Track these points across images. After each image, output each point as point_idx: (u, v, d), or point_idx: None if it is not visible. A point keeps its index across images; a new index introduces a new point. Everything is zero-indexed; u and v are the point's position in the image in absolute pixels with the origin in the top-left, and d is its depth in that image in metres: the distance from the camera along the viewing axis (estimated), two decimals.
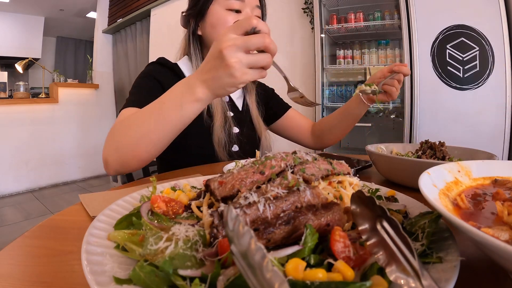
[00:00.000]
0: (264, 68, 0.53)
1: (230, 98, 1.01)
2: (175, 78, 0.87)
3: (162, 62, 0.94)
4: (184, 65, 0.95)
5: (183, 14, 0.96)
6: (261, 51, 0.52)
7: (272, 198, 0.29)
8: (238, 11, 0.87)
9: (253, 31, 0.50)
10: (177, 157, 0.89)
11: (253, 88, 1.06)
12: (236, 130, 0.96)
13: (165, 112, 0.57)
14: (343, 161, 0.41)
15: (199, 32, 0.93)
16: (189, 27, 0.94)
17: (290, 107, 1.17)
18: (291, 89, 0.63)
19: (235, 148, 0.94)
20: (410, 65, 1.95)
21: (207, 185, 0.34)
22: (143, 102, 0.66)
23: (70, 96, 4.00)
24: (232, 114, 0.96)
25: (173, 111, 0.57)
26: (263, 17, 0.97)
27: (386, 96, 0.86)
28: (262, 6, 0.95)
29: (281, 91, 1.22)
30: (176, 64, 0.95)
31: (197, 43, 0.94)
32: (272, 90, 1.19)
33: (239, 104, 1.03)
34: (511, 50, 1.77)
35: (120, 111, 0.75)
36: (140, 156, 0.62)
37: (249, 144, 0.98)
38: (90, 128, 4.18)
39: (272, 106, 1.13)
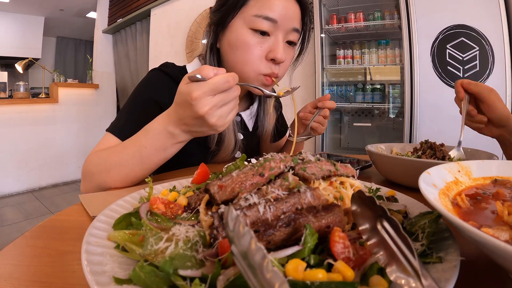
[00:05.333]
0: None
1: (241, 118, 0.92)
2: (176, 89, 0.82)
3: (166, 70, 0.80)
4: (193, 69, 0.81)
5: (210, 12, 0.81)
6: None
7: (272, 200, 0.29)
8: (265, 33, 0.70)
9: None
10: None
11: (274, 115, 0.97)
12: (238, 154, 0.90)
13: (147, 156, 0.59)
14: (348, 164, 0.41)
15: (218, 45, 0.78)
16: (208, 36, 0.79)
17: (286, 132, 1.12)
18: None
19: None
20: (410, 65, 1.95)
21: (206, 189, 0.34)
22: (128, 135, 0.64)
23: (70, 96, 4.00)
24: (242, 137, 0.88)
25: (156, 154, 0.59)
26: (303, 41, 0.82)
27: (313, 132, 0.88)
28: (305, 26, 0.78)
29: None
30: (184, 67, 0.84)
31: (214, 57, 0.79)
32: (281, 106, 1.12)
33: (250, 125, 0.95)
34: (511, 50, 1.77)
35: (106, 131, 0.72)
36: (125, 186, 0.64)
37: None
38: (90, 128, 4.18)
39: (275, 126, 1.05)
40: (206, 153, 0.83)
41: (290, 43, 0.75)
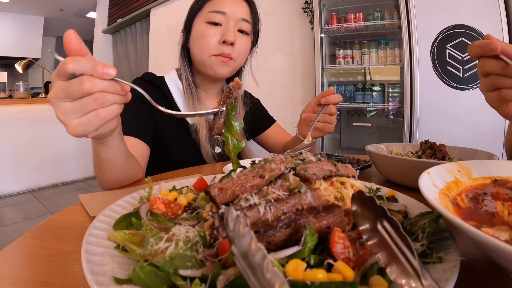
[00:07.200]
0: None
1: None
2: (160, 93, 0.91)
3: (146, 78, 0.94)
4: (170, 80, 0.95)
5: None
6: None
7: (273, 200, 0.29)
8: (218, 24, 0.85)
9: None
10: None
11: (243, 110, 1.02)
12: (218, 150, 0.96)
13: (94, 159, 0.60)
14: (349, 165, 0.41)
15: (188, 45, 0.93)
16: (180, 41, 0.96)
17: (275, 121, 1.16)
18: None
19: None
20: (410, 65, 1.95)
21: (207, 191, 0.34)
22: (132, 129, 0.74)
23: None
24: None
25: (96, 155, 0.59)
26: (255, 32, 0.93)
27: (320, 132, 0.84)
28: (254, 19, 0.92)
29: (268, 102, 1.20)
30: (162, 77, 0.96)
31: (185, 56, 0.95)
32: (258, 101, 1.16)
33: None
34: None
35: None
36: (122, 183, 0.65)
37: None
38: None
39: (257, 119, 1.10)
40: (198, 146, 0.91)
41: (242, 31, 0.89)
